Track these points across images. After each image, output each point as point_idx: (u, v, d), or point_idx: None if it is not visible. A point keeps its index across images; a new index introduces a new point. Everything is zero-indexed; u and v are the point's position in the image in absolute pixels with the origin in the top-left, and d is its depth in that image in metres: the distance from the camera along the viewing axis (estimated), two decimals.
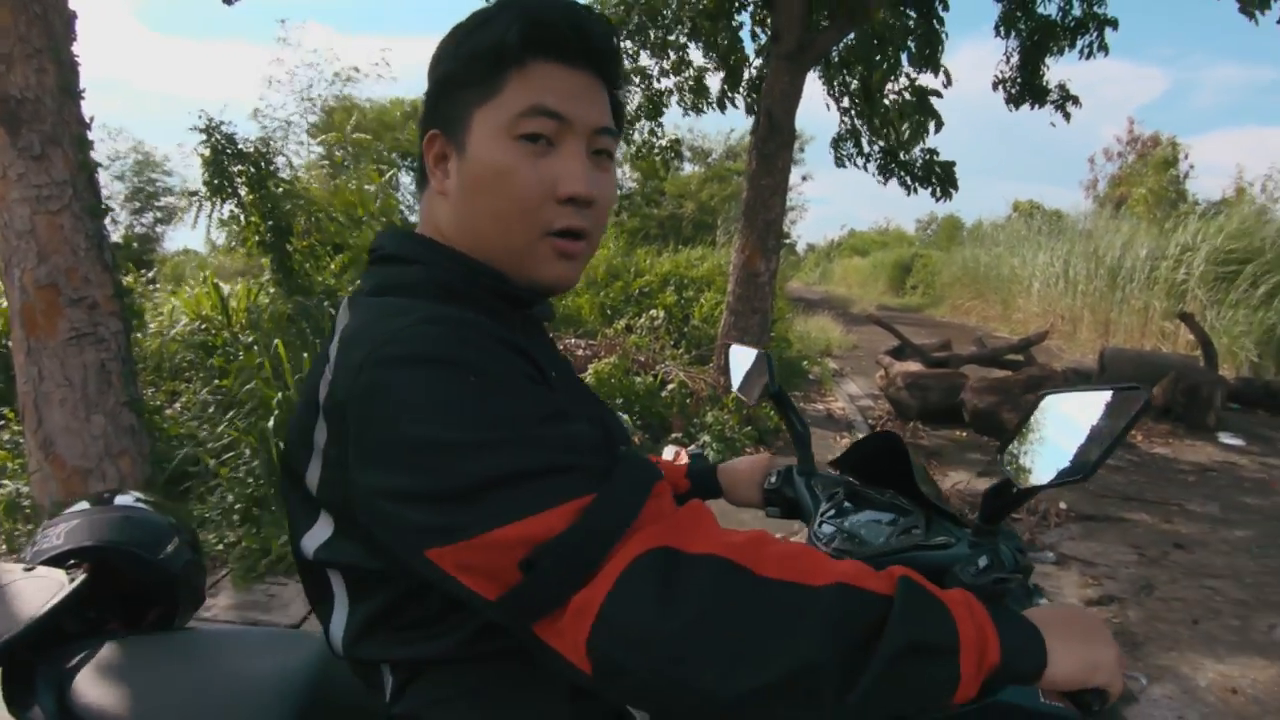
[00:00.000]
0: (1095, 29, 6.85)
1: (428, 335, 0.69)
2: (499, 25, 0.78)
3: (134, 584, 1.11)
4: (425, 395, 0.66)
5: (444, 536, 0.64)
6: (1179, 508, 4.65)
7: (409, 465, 0.65)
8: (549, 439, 0.66)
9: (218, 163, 6.09)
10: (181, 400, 4.98)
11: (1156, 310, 11.04)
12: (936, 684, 0.64)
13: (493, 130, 0.79)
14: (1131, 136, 23.97)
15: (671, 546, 0.63)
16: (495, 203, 0.80)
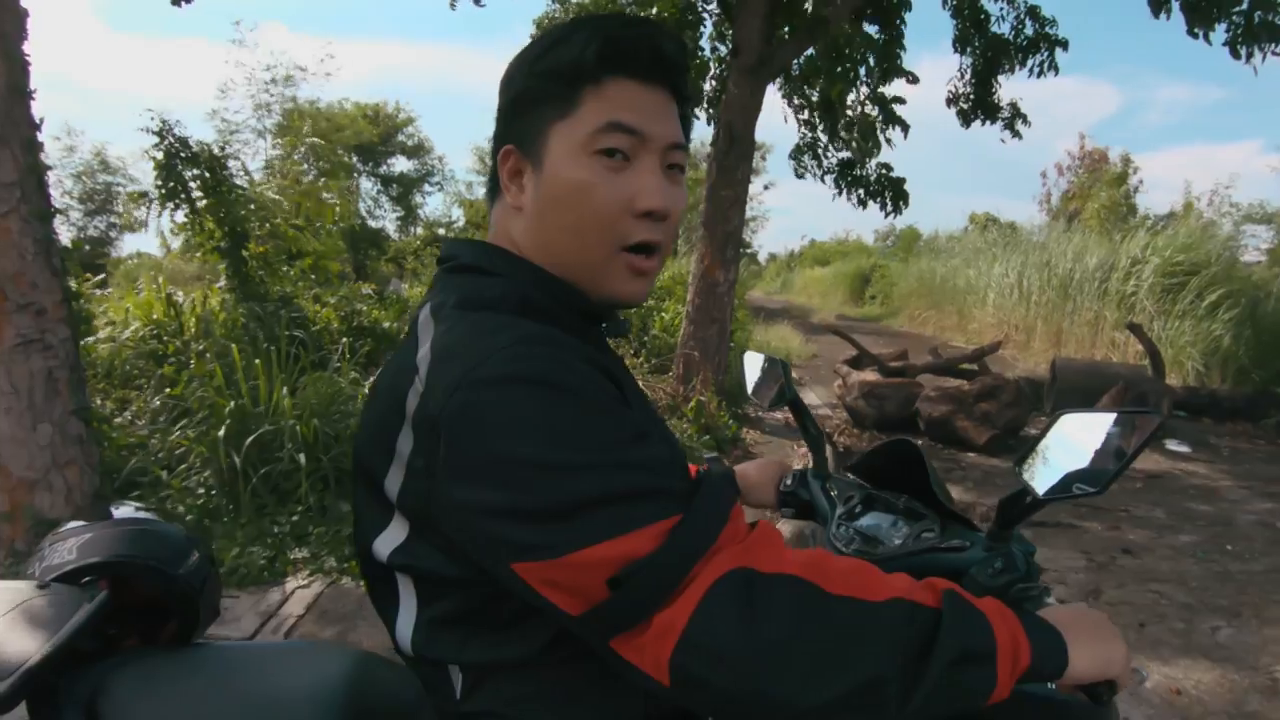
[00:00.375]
0: (1046, 49, 7.06)
1: (524, 356, 0.71)
2: (576, 44, 0.80)
3: (151, 598, 1.08)
4: (522, 415, 0.68)
5: (534, 553, 0.67)
6: (1127, 514, 4.78)
7: (503, 482, 0.67)
8: (638, 460, 0.69)
9: (170, 167, 5.98)
10: (132, 409, 4.87)
11: (1107, 321, 11.35)
12: (978, 688, 0.69)
13: (571, 147, 0.80)
14: (1083, 152, 24.64)
15: (749, 567, 0.66)
16: (574, 218, 0.82)
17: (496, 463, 0.68)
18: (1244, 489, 5.44)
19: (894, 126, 7.21)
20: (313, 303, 6.64)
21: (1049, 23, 7.08)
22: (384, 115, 22.26)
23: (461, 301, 0.81)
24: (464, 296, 0.82)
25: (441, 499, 0.72)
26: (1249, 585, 3.76)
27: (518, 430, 0.68)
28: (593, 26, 0.81)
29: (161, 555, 1.07)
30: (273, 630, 2.96)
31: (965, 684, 0.68)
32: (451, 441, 0.70)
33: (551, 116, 0.81)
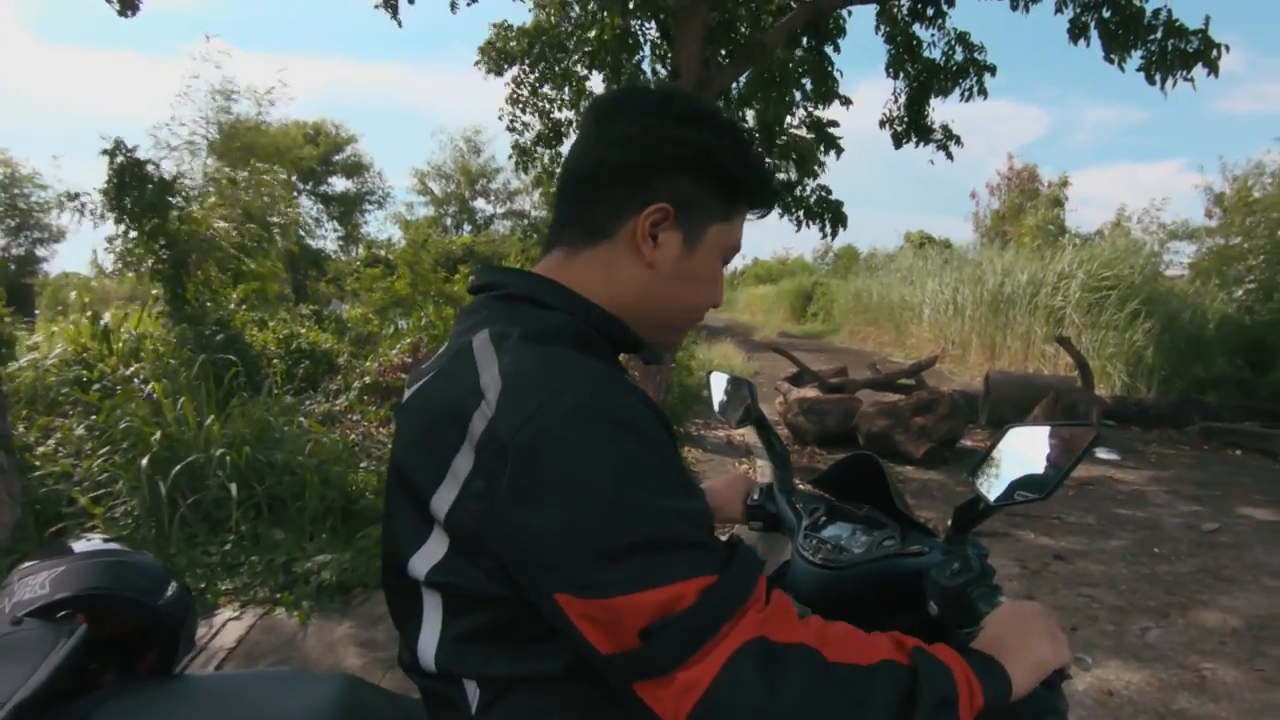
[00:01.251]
0: (975, 74, 7.32)
1: (600, 395, 0.76)
2: (755, 176, 0.95)
3: (127, 630, 1.06)
4: (594, 451, 0.72)
5: (580, 589, 0.70)
6: (1059, 521, 4.93)
7: (566, 513, 0.71)
8: (689, 512, 0.74)
9: (121, 186, 5.80)
10: (56, 436, 4.67)
11: (1038, 335, 11.75)
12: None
13: (716, 247, 0.94)
14: (1011, 171, 25.53)
15: (767, 636, 0.71)
16: (693, 298, 0.96)
17: (563, 494, 0.71)
18: (1170, 493, 5.66)
19: (829, 152, 7.38)
20: (252, 326, 6.49)
21: (977, 49, 7.36)
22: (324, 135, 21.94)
23: (527, 334, 0.83)
24: (529, 329, 0.84)
25: (499, 521, 0.74)
26: (1176, 586, 3.90)
27: (588, 465, 0.72)
28: (766, 175, 0.98)
29: (141, 586, 1.05)
30: (202, 665, 2.85)
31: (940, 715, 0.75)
32: (520, 467, 0.73)
33: (716, 216, 0.92)
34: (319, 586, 3.31)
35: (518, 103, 7.86)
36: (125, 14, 4.93)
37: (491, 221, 28.33)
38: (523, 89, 7.79)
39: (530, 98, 7.80)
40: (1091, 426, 1.03)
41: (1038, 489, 0.97)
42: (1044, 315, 11.76)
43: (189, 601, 1.11)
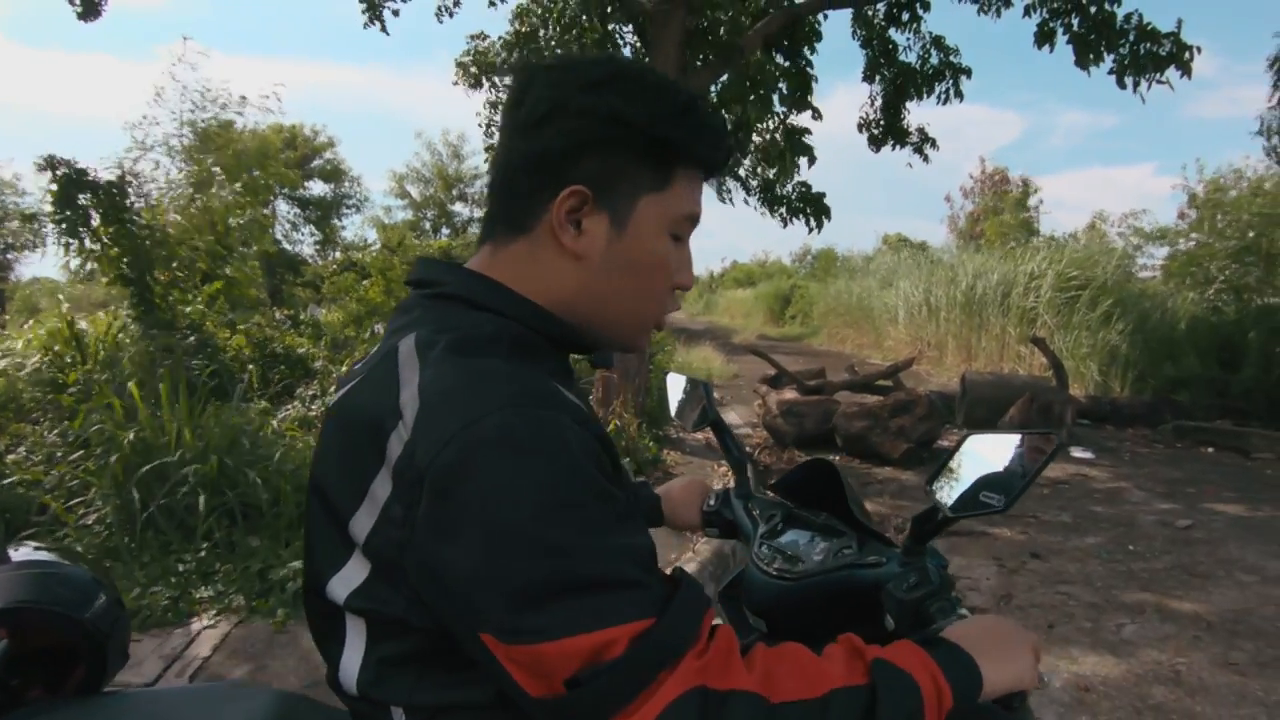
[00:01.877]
0: (951, 77, 7.40)
1: (525, 418, 0.68)
2: (692, 134, 0.83)
3: (54, 644, 1.01)
4: (516, 484, 0.66)
5: (501, 633, 0.65)
6: (1035, 519, 4.98)
7: (487, 552, 0.65)
8: (623, 548, 0.68)
9: (68, 198, 5.70)
10: (27, 442, 4.58)
11: (1011, 336, 11.88)
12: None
13: (658, 223, 0.84)
14: (983, 174, 25.83)
15: (706, 686, 0.65)
16: (644, 286, 0.86)
17: (483, 529, 0.66)
18: (1144, 491, 5.73)
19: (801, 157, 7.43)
20: (224, 329, 6.41)
21: (953, 52, 7.45)
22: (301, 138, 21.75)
23: (454, 344, 0.75)
24: (457, 338, 0.76)
25: (419, 553, 0.69)
26: (1151, 583, 3.95)
27: (510, 498, 0.66)
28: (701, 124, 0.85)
29: (66, 599, 1.00)
30: (177, 674, 2.80)
31: None
32: (437, 498, 0.67)
33: (645, 187, 0.82)
34: (295, 593, 3.26)
35: (497, 106, 7.85)
36: (86, 18, 4.85)
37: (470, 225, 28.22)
38: (503, 94, 7.79)
39: None
40: (1054, 434, 1.05)
41: (998, 499, 0.95)
42: (1017, 316, 11.90)
43: (119, 614, 1.06)
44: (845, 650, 0.75)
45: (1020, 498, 0.95)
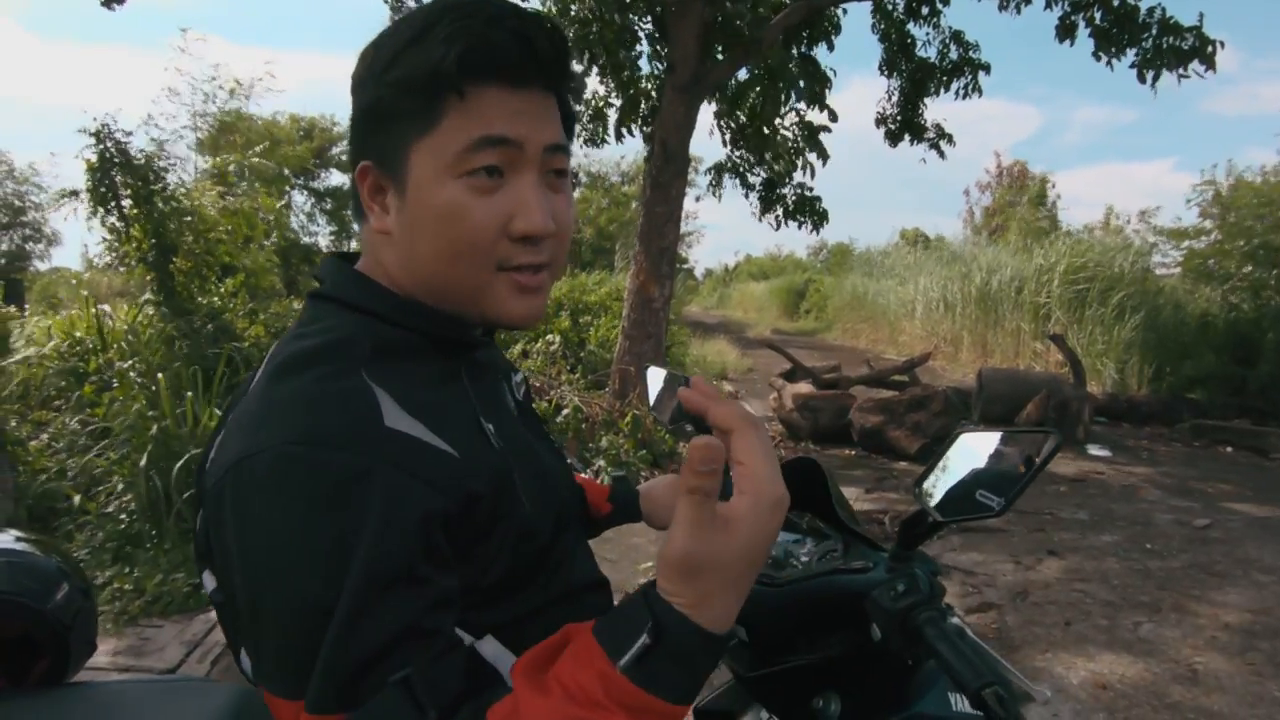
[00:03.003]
0: (970, 72, 7.35)
1: (305, 462, 0.62)
2: (432, 48, 0.68)
3: (19, 634, 1.02)
4: (273, 532, 0.61)
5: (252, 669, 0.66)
6: (1052, 517, 4.96)
7: (243, 591, 0.63)
8: (338, 636, 0.59)
9: (104, 171, 5.75)
10: (50, 430, 4.64)
11: (1026, 332, 11.81)
12: None
13: (435, 168, 0.70)
14: (999, 169, 25.61)
15: None
16: (444, 245, 0.72)
17: (234, 563, 0.63)
18: (1161, 489, 5.70)
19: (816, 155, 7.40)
20: (244, 319, 6.47)
21: (972, 47, 7.39)
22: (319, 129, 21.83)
23: (286, 361, 0.70)
24: (292, 354, 0.71)
25: (215, 565, 0.69)
26: (1168, 581, 3.93)
27: (252, 544, 0.62)
28: (451, 23, 0.68)
29: (27, 588, 1.00)
30: (198, 660, 2.85)
31: None
32: (213, 524, 0.66)
33: (411, 134, 0.71)
34: None
35: None
36: (110, 6, 4.89)
37: None
38: None
39: None
40: (1054, 432, 0.92)
41: (996, 501, 0.89)
42: (1031, 312, 11.83)
43: (84, 605, 1.06)
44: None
45: (1014, 503, 0.89)
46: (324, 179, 23.07)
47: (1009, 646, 3.25)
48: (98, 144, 5.69)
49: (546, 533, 0.77)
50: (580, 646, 0.56)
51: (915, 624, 0.91)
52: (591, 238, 21.23)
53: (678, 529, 0.55)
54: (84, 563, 3.42)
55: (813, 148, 7.25)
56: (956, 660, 0.86)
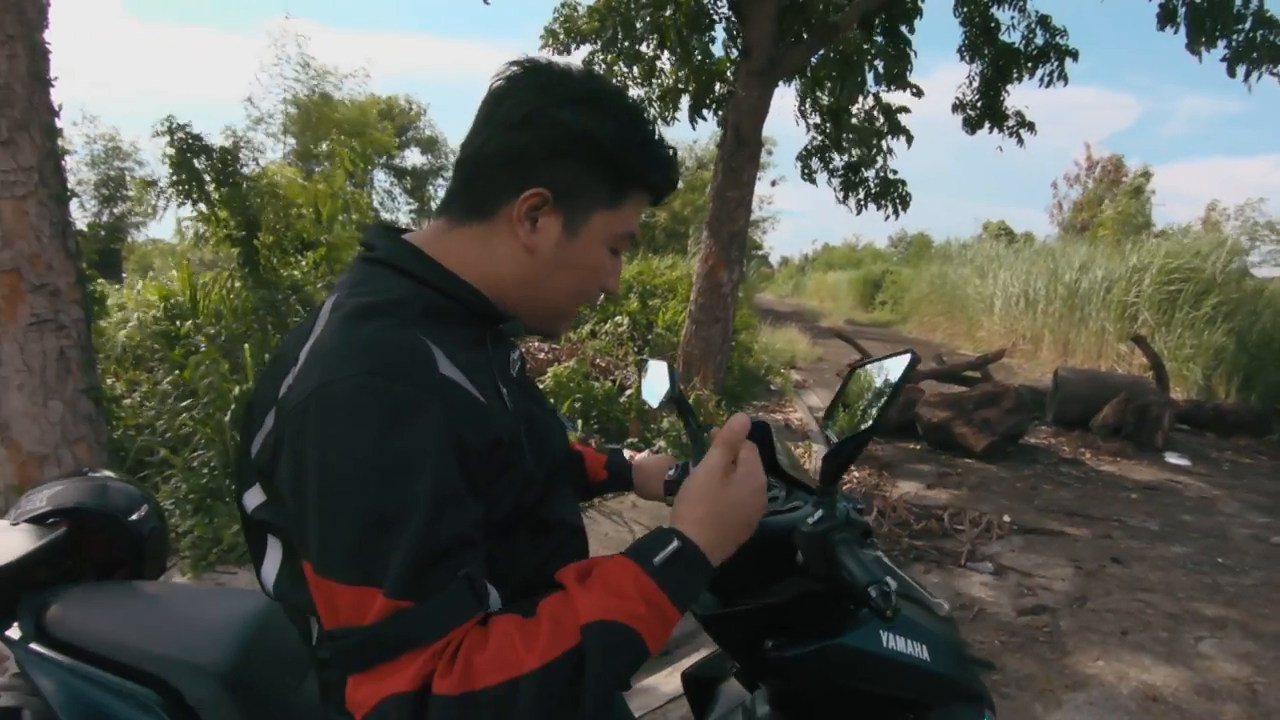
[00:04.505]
0: (1056, 58, 7.07)
1: (374, 390, 0.75)
2: (646, 162, 0.93)
3: (106, 546, 1.26)
4: (348, 447, 0.74)
5: (314, 565, 0.75)
6: (1120, 524, 4.81)
7: (315, 497, 0.75)
8: (419, 533, 0.73)
9: (183, 161, 6.08)
10: (141, 390, 4.96)
11: (1111, 332, 11.34)
12: (634, 660, 0.78)
13: (602, 236, 0.93)
14: (1090, 162, 24.50)
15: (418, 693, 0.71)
16: (576, 286, 0.96)
17: (314, 477, 0.75)
18: (1240, 503, 5.45)
19: (898, 136, 7.23)
20: (322, 290, 6.75)
21: (1059, 32, 7.10)
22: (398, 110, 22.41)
23: (353, 310, 0.84)
24: (358, 304, 0.84)
25: (278, 480, 0.80)
26: (1238, 598, 3.78)
27: (340, 456, 0.74)
28: (657, 157, 0.94)
29: (115, 506, 1.27)
30: None
31: (622, 670, 0.78)
32: (291, 440, 0.78)
33: (600, 204, 0.92)
34: None
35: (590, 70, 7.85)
36: None
37: None
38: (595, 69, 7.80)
39: (605, 74, 7.80)
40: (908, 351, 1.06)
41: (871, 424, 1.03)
42: (1117, 312, 11.34)
43: (157, 525, 1.31)
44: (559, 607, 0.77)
45: (884, 415, 1.03)
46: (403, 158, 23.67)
47: (1060, 650, 3.19)
48: (170, 138, 5.99)
49: (541, 481, 0.93)
50: (613, 561, 0.80)
51: (830, 546, 1.01)
52: (665, 221, 21.21)
53: (703, 468, 0.88)
54: (168, 512, 3.67)
55: (894, 130, 7.10)
56: (856, 567, 0.96)
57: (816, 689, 1.14)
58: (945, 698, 1.16)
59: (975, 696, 1.19)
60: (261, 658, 1.11)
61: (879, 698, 1.12)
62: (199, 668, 1.08)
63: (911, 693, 1.13)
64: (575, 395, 5.58)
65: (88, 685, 1.08)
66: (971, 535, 4.45)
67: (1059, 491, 5.50)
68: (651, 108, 7.84)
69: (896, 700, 1.13)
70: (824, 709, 1.17)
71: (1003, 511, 4.86)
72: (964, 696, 1.18)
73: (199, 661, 1.09)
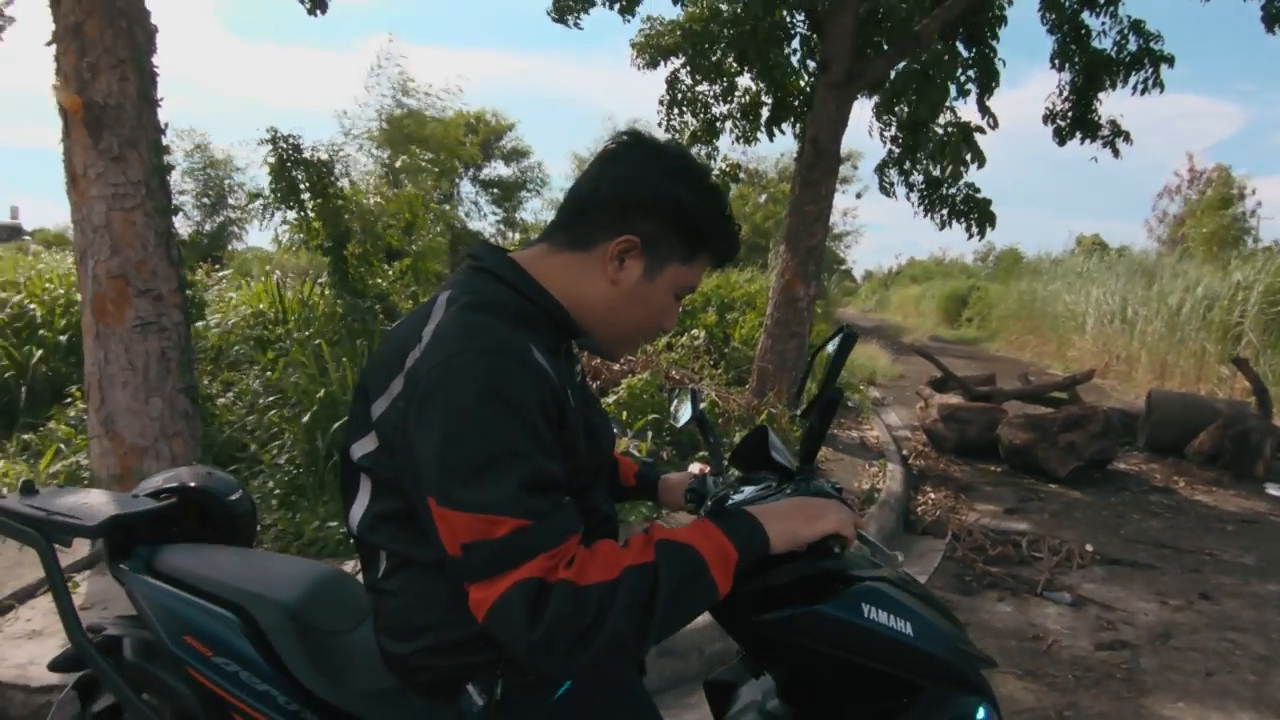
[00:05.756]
0: (1150, 65, 6.77)
1: (488, 363, 0.98)
2: (723, 236, 1.18)
3: (206, 521, 1.54)
4: (465, 403, 0.96)
5: (438, 496, 0.95)
6: (1212, 557, 4.55)
7: (441, 443, 0.96)
8: (532, 469, 0.95)
9: (282, 170, 6.41)
10: (235, 390, 5.24)
11: (1211, 354, 10.72)
12: (703, 597, 0.99)
13: (671, 283, 1.16)
14: (1193, 173, 23.21)
15: (544, 579, 0.92)
16: (642, 320, 1.18)
17: (441, 428, 0.96)
18: None
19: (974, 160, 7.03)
20: (408, 301, 6.99)
21: (1154, 38, 6.79)
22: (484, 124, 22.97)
23: (469, 304, 1.07)
24: (473, 300, 1.08)
25: (405, 435, 1.01)
26: None
27: (458, 412, 0.96)
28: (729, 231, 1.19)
29: (217, 488, 1.57)
30: None
31: (690, 601, 0.99)
32: (422, 400, 0.99)
33: (676, 258, 1.15)
34: None
35: (675, 104, 7.93)
36: (314, 13, 5.41)
37: None
38: (678, 88, 7.84)
39: (689, 92, 7.84)
40: (847, 329, 1.31)
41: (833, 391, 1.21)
42: (1219, 332, 10.71)
43: (249, 507, 1.60)
44: (642, 538, 1.00)
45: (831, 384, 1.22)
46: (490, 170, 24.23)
47: (1138, 689, 3.05)
48: (273, 148, 6.32)
49: (589, 473, 1.17)
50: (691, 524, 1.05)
51: None
52: (746, 235, 21.11)
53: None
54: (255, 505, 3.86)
55: (969, 149, 6.92)
56: None
57: (814, 670, 1.26)
58: (937, 680, 1.24)
59: (974, 688, 1.26)
60: (322, 604, 1.34)
61: (877, 683, 1.23)
62: (271, 600, 1.30)
63: (898, 667, 1.21)
64: (649, 408, 5.55)
65: (181, 604, 1.32)
66: (1050, 563, 4.28)
67: (1147, 521, 5.24)
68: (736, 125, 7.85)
69: (894, 685, 1.23)
70: (826, 698, 1.30)
71: (1085, 540, 4.66)
72: (959, 684, 1.25)
73: (272, 596, 1.31)
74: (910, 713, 1.24)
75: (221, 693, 1.26)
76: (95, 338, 3.63)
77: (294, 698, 1.24)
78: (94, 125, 3.47)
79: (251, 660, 1.26)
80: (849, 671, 1.22)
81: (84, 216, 3.56)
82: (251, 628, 1.28)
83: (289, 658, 1.26)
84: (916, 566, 4.23)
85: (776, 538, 1.06)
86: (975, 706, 1.24)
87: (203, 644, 1.28)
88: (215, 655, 1.27)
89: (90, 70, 3.45)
